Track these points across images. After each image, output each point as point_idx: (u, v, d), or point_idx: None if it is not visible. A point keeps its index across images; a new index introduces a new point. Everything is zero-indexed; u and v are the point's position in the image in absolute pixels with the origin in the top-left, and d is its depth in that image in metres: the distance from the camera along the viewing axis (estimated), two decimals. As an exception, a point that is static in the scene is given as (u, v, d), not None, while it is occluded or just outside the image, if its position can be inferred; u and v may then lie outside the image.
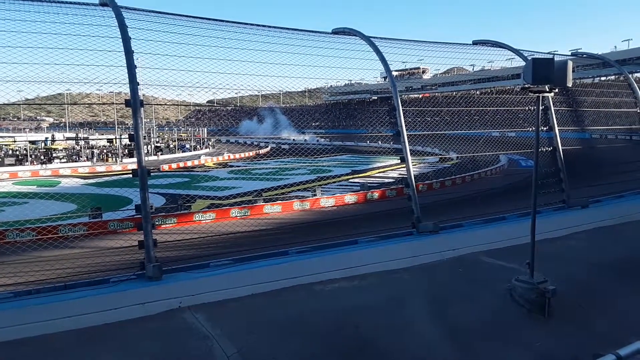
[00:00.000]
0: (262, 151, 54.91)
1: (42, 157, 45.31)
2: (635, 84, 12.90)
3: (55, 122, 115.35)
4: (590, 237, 9.39)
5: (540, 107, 6.58)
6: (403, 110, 8.65)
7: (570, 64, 6.07)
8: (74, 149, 49.09)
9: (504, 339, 5.81)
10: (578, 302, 6.65)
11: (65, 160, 45.58)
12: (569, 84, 6.16)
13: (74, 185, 33.25)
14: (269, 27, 8.97)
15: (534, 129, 6.65)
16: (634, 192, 12.01)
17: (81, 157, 46.77)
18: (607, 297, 6.91)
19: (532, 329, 6.02)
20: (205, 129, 68.87)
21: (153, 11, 7.58)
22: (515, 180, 21.19)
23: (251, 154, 54.41)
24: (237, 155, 52.58)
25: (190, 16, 8.13)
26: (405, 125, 8.58)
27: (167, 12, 7.82)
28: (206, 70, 8.01)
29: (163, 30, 7.44)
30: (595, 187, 11.29)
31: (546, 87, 6.21)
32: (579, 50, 21.74)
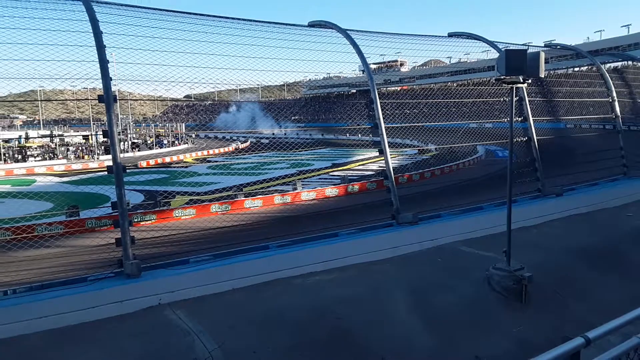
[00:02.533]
0: (241, 146, 54.54)
1: (16, 156, 44.28)
2: (607, 74, 13.16)
3: (29, 119, 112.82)
4: (565, 224, 9.60)
5: (515, 98, 6.68)
6: (381, 102, 8.68)
7: (542, 55, 6.17)
8: (49, 146, 48.06)
9: (482, 326, 5.92)
10: (554, 288, 6.81)
11: (40, 158, 44.63)
12: (542, 75, 6.27)
13: (49, 184, 32.57)
14: (246, 20, 8.89)
15: (509, 119, 6.75)
16: (607, 180, 12.30)
17: (56, 154, 45.84)
18: (582, 283, 7.09)
19: (509, 316, 6.15)
20: (183, 125, 68.08)
21: (126, 5, 7.45)
22: (492, 171, 21.49)
23: (230, 148, 54.02)
24: (217, 151, 52.19)
25: (165, 10, 8.01)
26: (384, 118, 8.62)
27: (141, 5, 7.70)
28: (182, 65, 7.92)
29: (137, 24, 7.33)
30: (569, 175, 11.53)
31: (520, 78, 6.30)
32: (552, 42, 22.08)
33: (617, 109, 12.89)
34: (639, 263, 7.86)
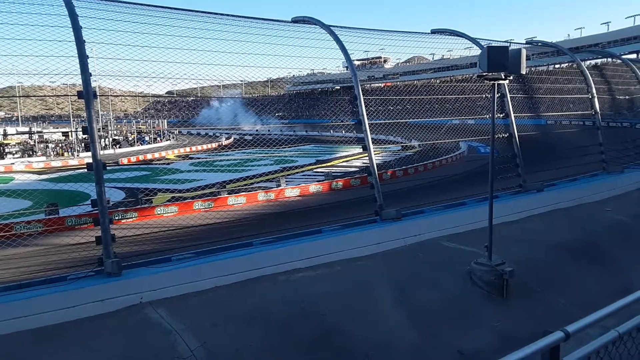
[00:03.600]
0: (225, 142, 54.23)
1: (-6, 153, 43.44)
2: (587, 71, 13.36)
3: (7, 116, 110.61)
4: (545, 219, 9.72)
5: (497, 95, 6.73)
6: (365, 99, 8.68)
7: (524, 52, 6.23)
8: (27, 143, 47.20)
9: (465, 321, 5.98)
10: (535, 283, 6.90)
11: (18, 155, 43.82)
12: (523, 72, 6.33)
13: (28, 181, 32.02)
14: (229, 15, 8.81)
15: (490, 116, 6.81)
16: (587, 175, 12.49)
17: (35, 152, 45.04)
18: (563, 277, 7.20)
19: (491, 310, 6.22)
20: (165, 121, 67.44)
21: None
22: (474, 167, 21.71)
23: (214, 145, 53.69)
24: (200, 147, 51.81)
25: (146, 5, 7.88)
26: (368, 114, 8.62)
27: (123, 0, 7.57)
28: (164, 60, 7.80)
29: (118, 19, 7.20)
30: (550, 171, 11.69)
31: (501, 74, 6.35)
32: (534, 39, 22.33)
33: (597, 105, 13.09)
34: (618, 257, 8.01)
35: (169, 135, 61.35)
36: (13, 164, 39.76)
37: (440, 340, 5.58)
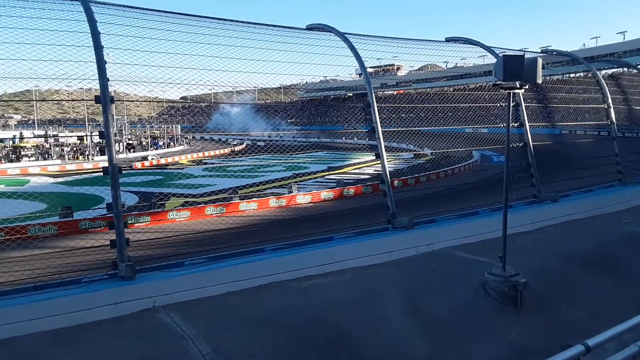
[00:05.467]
0: (237, 148, 54.49)
1: (10, 156, 44.03)
2: (603, 81, 13.23)
3: (24, 119, 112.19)
4: (560, 230, 9.61)
5: (511, 103, 6.69)
6: (378, 106, 8.68)
7: (540, 61, 6.19)
8: (43, 147, 47.82)
9: (477, 332, 5.91)
10: (549, 294, 6.81)
11: (34, 158, 44.40)
12: (539, 81, 6.29)
13: (43, 184, 32.41)
14: (244, 22, 8.89)
15: (505, 125, 6.77)
16: (602, 186, 12.34)
17: (51, 155, 45.59)
18: (577, 289, 7.10)
19: (504, 322, 6.14)
20: (179, 126, 67.93)
21: (123, 5, 7.42)
22: (487, 176, 21.58)
23: (226, 150, 53.95)
24: (212, 153, 52.10)
25: (162, 11, 8.00)
26: (380, 122, 8.62)
27: (138, 6, 7.68)
28: (179, 66, 7.90)
29: (134, 25, 7.30)
30: (564, 181, 11.57)
31: (517, 83, 6.32)
32: (548, 48, 22.21)
33: (613, 115, 12.95)
34: (633, 269, 7.88)
35: (182, 140, 61.80)
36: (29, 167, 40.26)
37: (452, 351, 5.53)
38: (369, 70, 9.39)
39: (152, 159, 45.55)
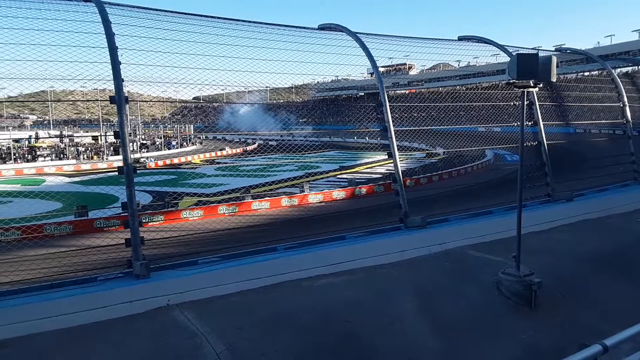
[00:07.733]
0: (249, 147, 54.69)
1: (26, 156, 44.65)
2: (618, 79, 13.07)
3: (39, 119, 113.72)
4: (574, 229, 9.52)
5: (525, 102, 6.65)
6: (390, 106, 8.67)
7: (554, 59, 6.14)
8: (58, 146, 48.43)
9: (491, 332, 5.88)
10: (564, 294, 6.75)
11: (49, 158, 44.96)
12: (553, 79, 6.24)
13: (58, 184, 32.79)
14: (255, 22, 8.93)
15: (519, 124, 6.72)
16: (617, 185, 12.19)
17: (66, 155, 46.14)
18: (592, 289, 7.02)
19: (519, 321, 6.10)
20: (192, 126, 68.37)
21: (137, 6, 7.50)
22: (500, 175, 21.40)
23: (239, 150, 54.17)
24: (225, 152, 52.34)
25: (175, 12, 8.06)
26: (392, 121, 8.61)
27: (151, 7, 7.75)
28: (192, 67, 7.95)
29: (148, 26, 7.37)
30: (579, 180, 11.45)
31: (531, 82, 6.27)
32: (562, 46, 21.97)
33: (628, 114, 12.79)
34: (649, 269, 7.77)
35: (195, 140, 62.17)
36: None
37: (465, 351, 5.51)
38: (381, 69, 9.38)
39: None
